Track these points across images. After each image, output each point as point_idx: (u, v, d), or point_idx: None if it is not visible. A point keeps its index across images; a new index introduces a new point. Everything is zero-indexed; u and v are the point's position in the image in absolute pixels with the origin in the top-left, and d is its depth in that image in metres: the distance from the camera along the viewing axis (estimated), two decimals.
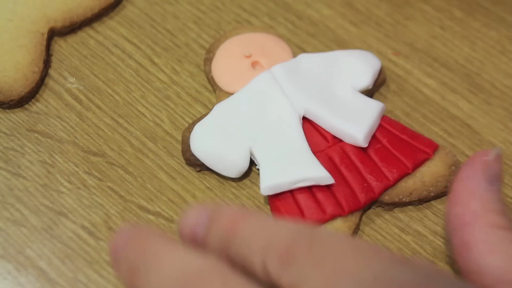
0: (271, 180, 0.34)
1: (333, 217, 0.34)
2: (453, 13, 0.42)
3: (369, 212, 0.36)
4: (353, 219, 0.34)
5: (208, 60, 0.39)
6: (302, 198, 0.34)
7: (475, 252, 0.30)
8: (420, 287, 0.25)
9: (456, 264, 0.34)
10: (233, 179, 0.36)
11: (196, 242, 0.28)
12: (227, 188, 0.36)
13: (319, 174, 0.34)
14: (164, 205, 0.35)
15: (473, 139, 0.38)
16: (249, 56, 0.39)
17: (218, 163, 0.36)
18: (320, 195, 0.34)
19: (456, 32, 0.42)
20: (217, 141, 0.36)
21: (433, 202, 0.36)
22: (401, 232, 0.35)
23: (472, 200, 0.32)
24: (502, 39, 0.41)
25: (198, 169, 0.36)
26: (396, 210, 0.36)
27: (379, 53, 0.41)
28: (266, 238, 0.27)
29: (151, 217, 0.35)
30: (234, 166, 0.35)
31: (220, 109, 0.37)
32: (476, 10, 0.43)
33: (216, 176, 0.36)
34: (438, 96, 0.39)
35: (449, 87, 0.40)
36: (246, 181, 0.36)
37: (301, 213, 0.34)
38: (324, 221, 0.34)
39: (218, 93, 0.38)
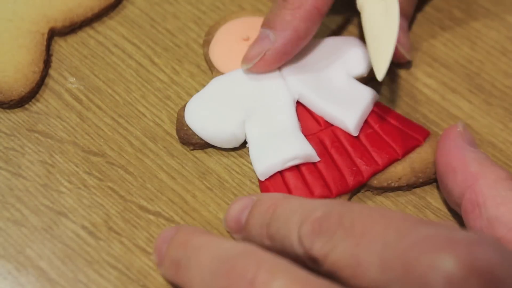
0: (264, 163, 0.35)
1: (321, 199, 0.34)
2: (453, 13, 0.42)
3: None
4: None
5: (207, 42, 0.40)
6: (291, 178, 0.35)
7: (485, 208, 0.32)
8: (440, 239, 0.26)
9: None
10: (233, 179, 0.36)
11: (239, 229, 0.32)
12: (227, 188, 0.36)
13: (305, 152, 0.35)
14: (164, 205, 0.35)
15: None
16: (247, 39, 0.39)
17: (212, 133, 0.36)
18: (309, 177, 0.35)
19: (456, 32, 0.42)
20: (212, 111, 0.36)
21: (432, 202, 0.36)
22: None
23: (467, 164, 0.33)
24: (502, 39, 0.42)
25: (192, 147, 0.37)
26: (395, 209, 0.36)
27: None
28: (302, 214, 0.30)
29: (151, 217, 0.35)
30: (229, 135, 0.36)
31: (217, 83, 0.37)
32: (476, 10, 0.43)
33: (216, 176, 0.36)
34: (438, 96, 0.39)
35: (449, 87, 0.40)
36: (246, 180, 0.36)
37: (289, 193, 0.35)
38: None
39: (214, 74, 0.39)
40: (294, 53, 0.37)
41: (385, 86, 0.40)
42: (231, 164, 0.37)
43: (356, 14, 0.42)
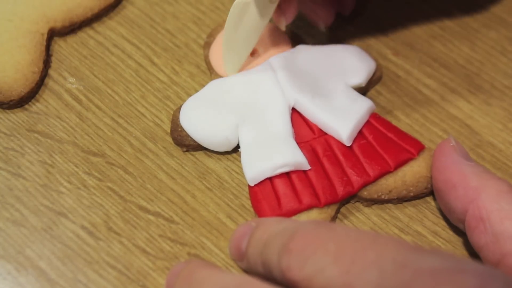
0: (254, 168, 0.35)
1: (309, 208, 0.34)
2: (453, 13, 0.42)
3: (368, 212, 0.36)
4: (329, 211, 0.35)
5: (207, 44, 0.40)
6: (280, 185, 0.35)
7: (490, 223, 0.31)
8: (445, 271, 0.25)
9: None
10: (232, 179, 0.36)
11: (241, 257, 0.32)
12: (227, 188, 0.36)
13: (296, 160, 0.35)
14: (164, 205, 0.35)
15: (473, 139, 0.38)
16: None
17: (205, 136, 0.36)
18: (298, 185, 0.35)
19: (456, 32, 0.42)
20: (207, 114, 0.36)
21: (432, 203, 0.36)
22: (401, 232, 0.35)
23: (467, 178, 0.32)
24: (501, 39, 0.42)
25: (185, 149, 0.37)
26: (395, 210, 0.36)
27: (379, 53, 0.41)
28: (283, 236, 0.29)
29: (151, 217, 0.35)
30: (222, 139, 0.36)
31: (214, 86, 0.37)
32: (476, 10, 0.43)
33: (215, 176, 0.36)
34: (438, 96, 0.39)
35: (449, 87, 0.40)
36: (245, 180, 0.36)
37: (278, 201, 0.34)
38: (300, 210, 0.34)
39: (213, 77, 0.39)
40: None
41: (385, 86, 0.40)
42: (231, 164, 0.37)
43: (359, 22, 0.42)
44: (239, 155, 0.37)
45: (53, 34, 0.40)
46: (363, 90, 0.39)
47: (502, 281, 0.25)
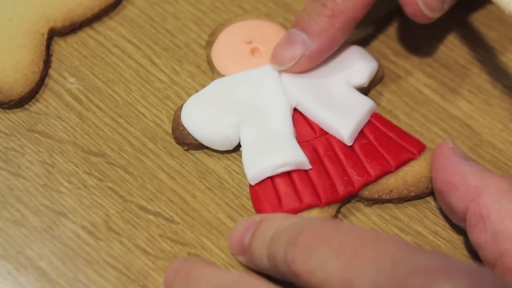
0: (255, 167, 0.35)
1: (309, 207, 0.34)
2: (453, 13, 0.42)
3: (369, 211, 0.36)
4: (329, 210, 0.35)
5: (210, 43, 0.40)
6: (281, 185, 0.35)
7: (490, 221, 0.31)
8: (439, 269, 0.26)
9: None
10: (232, 179, 0.36)
11: (242, 251, 0.33)
12: (227, 188, 0.36)
13: (297, 159, 0.35)
14: (164, 205, 0.35)
15: (473, 139, 0.38)
16: (249, 42, 0.39)
17: (206, 134, 0.36)
18: (299, 184, 0.35)
19: (456, 32, 0.42)
20: (208, 112, 0.36)
21: (433, 203, 0.36)
22: (401, 232, 0.35)
23: (467, 178, 0.33)
24: (501, 39, 0.42)
25: (186, 148, 0.37)
26: (395, 210, 0.36)
27: (379, 53, 0.41)
28: (291, 231, 0.30)
29: (151, 217, 0.35)
30: (223, 137, 0.36)
31: (217, 85, 0.38)
32: (476, 10, 0.43)
33: (216, 176, 0.36)
34: (438, 96, 0.39)
35: (449, 87, 0.40)
36: (246, 180, 0.36)
37: (279, 200, 0.35)
38: (300, 210, 0.34)
39: (215, 75, 0.39)
40: (324, 59, 0.37)
41: (385, 86, 0.40)
42: (231, 164, 0.37)
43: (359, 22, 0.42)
44: (240, 155, 0.37)
45: (53, 34, 0.40)
46: (364, 90, 0.39)
47: (492, 281, 0.26)
